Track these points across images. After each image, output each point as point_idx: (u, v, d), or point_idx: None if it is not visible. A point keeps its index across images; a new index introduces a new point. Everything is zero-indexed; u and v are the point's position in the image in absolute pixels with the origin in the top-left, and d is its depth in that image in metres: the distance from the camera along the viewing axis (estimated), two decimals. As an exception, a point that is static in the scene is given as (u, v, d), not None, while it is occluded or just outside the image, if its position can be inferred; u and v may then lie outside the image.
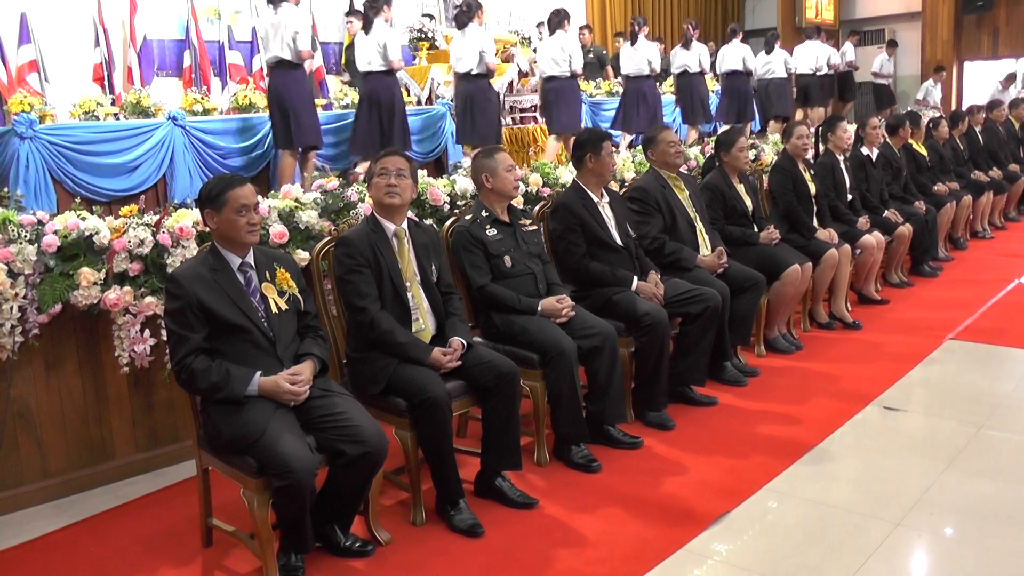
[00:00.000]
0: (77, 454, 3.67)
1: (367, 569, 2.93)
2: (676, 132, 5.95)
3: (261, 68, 8.56)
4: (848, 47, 14.43)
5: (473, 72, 7.39)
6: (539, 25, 10.62)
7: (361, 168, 6.62)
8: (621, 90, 9.49)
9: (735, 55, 10.51)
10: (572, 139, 7.87)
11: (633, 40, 9.13)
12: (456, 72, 7.57)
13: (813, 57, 11.81)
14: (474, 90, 7.43)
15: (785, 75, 11.23)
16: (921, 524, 3.07)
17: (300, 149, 6.46)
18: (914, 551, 2.96)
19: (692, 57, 9.93)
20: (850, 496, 3.31)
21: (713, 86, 10.97)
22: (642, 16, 11.00)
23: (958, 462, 3.54)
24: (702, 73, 10.03)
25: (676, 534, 3.05)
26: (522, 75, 8.98)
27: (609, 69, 11.27)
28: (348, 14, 9.39)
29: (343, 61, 9.68)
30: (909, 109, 11.01)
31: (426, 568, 2.92)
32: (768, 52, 11.12)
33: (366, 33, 6.91)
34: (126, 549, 3.16)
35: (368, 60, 6.89)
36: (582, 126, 8.20)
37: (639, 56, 9.08)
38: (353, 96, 7.48)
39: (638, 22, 9.25)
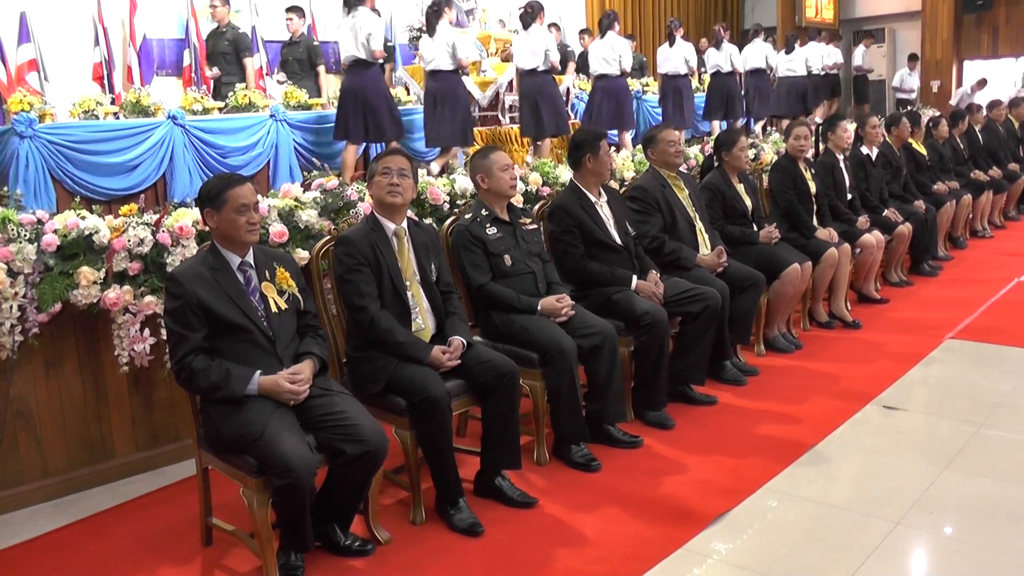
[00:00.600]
0: (77, 453, 3.67)
1: (367, 568, 2.93)
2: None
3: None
4: (860, 50, 14.57)
5: (540, 69, 7.82)
6: (582, 32, 11.64)
7: (437, 164, 7.10)
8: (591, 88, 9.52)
9: (758, 54, 11.05)
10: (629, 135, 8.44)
11: (671, 41, 9.71)
12: (521, 69, 7.99)
13: (817, 57, 12.10)
14: (541, 84, 7.83)
15: (804, 73, 11.91)
16: (921, 523, 3.07)
17: (380, 142, 6.94)
18: (914, 550, 2.96)
19: (724, 57, 10.56)
20: (850, 495, 3.31)
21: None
22: (677, 18, 11.52)
23: (958, 461, 3.54)
24: (733, 72, 10.61)
25: (676, 533, 3.05)
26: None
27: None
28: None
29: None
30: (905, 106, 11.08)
31: (426, 567, 2.92)
32: (788, 52, 11.81)
33: (431, 36, 7.25)
34: (126, 548, 3.16)
35: (434, 60, 7.20)
36: (634, 123, 8.94)
37: (677, 55, 9.68)
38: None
39: (674, 24, 9.82)
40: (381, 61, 6.99)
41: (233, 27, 8.12)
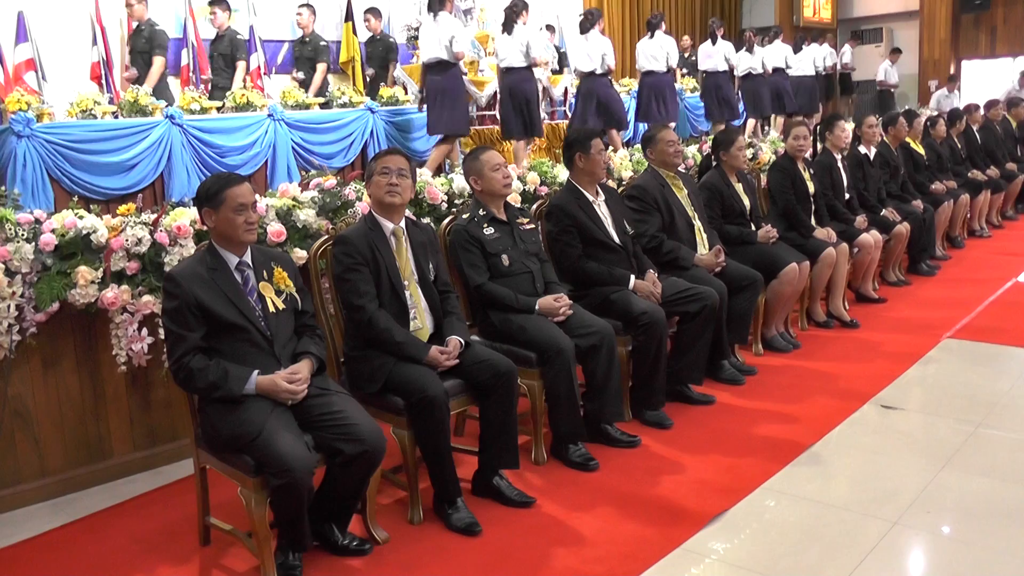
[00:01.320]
0: (75, 452, 3.67)
1: (365, 568, 2.93)
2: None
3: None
4: (846, 49, 14.68)
5: (597, 72, 8.35)
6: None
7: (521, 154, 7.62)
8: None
9: (778, 55, 11.46)
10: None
11: (713, 40, 10.21)
12: (580, 72, 8.52)
13: (820, 58, 12.46)
14: (598, 86, 8.38)
15: (812, 73, 12.40)
16: (918, 523, 3.07)
17: (446, 135, 7.33)
18: (911, 550, 2.97)
19: (757, 60, 11.06)
20: (847, 495, 3.32)
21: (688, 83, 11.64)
22: (717, 18, 12.00)
23: (955, 461, 3.54)
24: (764, 73, 11.09)
25: (673, 533, 3.05)
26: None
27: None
28: (347, 19, 9.62)
29: (342, 60, 9.69)
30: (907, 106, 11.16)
31: (423, 567, 2.92)
32: (796, 51, 12.15)
33: (509, 35, 7.58)
34: (123, 548, 3.16)
35: (509, 58, 7.57)
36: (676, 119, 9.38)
37: (718, 53, 10.22)
38: (352, 94, 7.50)
39: (715, 23, 10.26)
40: (462, 61, 7.51)
41: (232, 31, 8.12)
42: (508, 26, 7.57)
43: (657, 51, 9.18)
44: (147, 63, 7.80)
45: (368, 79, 9.26)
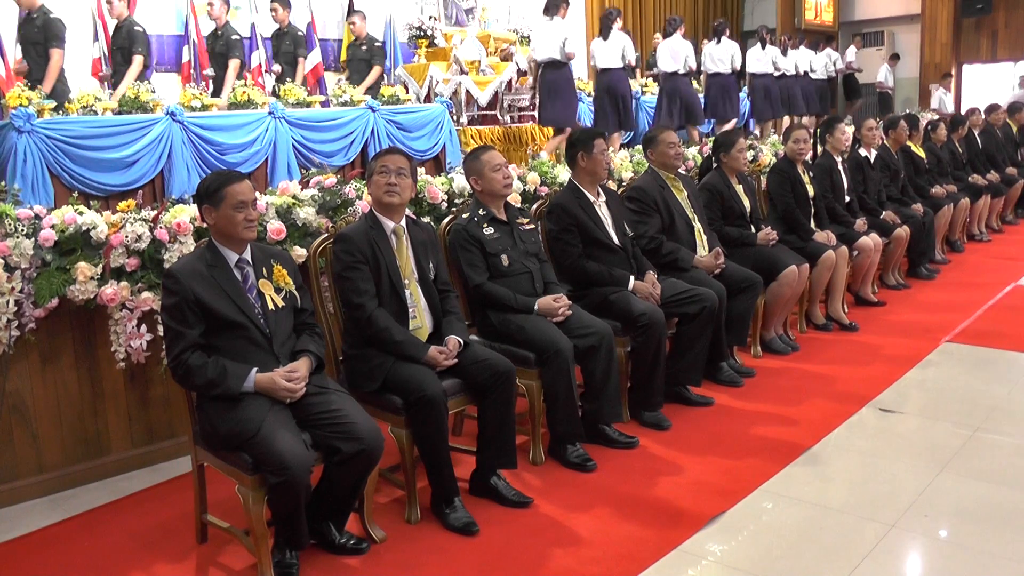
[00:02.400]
0: (73, 449, 3.67)
1: (362, 567, 2.93)
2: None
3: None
4: (851, 50, 14.73)
5: (680, 72, 9.11)
6: (658, 36, 11.77)
7: (614, 138, 8.32)
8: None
9: (803, 58, 12.01)
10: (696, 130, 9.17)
11: (719, 40, 10.27)
12: (663, 71, 9.31)
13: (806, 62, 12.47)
14: (682, 85, 9.24)
15: (824, 76, 12.80)
16: (916, 526, 3.07)
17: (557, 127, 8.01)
18: (909, 553, 2.97)
19: (787, 61, 11.49)
20: (845, 498, 3.32)
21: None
22: (724, 19, 12.02)
23: (953, 464, 3.54)
24: (776, 74, 11.32)
25: (671, 534, 3.05)
26: (521, 74, 8.98)
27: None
28: (350, 14, 9.51)
29: (343, 58, 9.68)
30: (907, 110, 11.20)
31: (421, 566, 2.92)
32: (814, 52, 12.59)
33: (604, 40, 8.42)
34: (121, 544, 3.16)
35: (607, 60, 8.45)
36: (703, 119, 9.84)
37: (724, 54, 10.31)
38: (352, 92, 7.49)
39: (722, 24, 10.29)
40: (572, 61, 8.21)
41: (229, 28, 8.10)
42: (604, 32, 8.46)
43: (723, 54, 9.93)
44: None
45: (274, 76, 8.51)
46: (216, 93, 7.36)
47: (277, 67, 8.56)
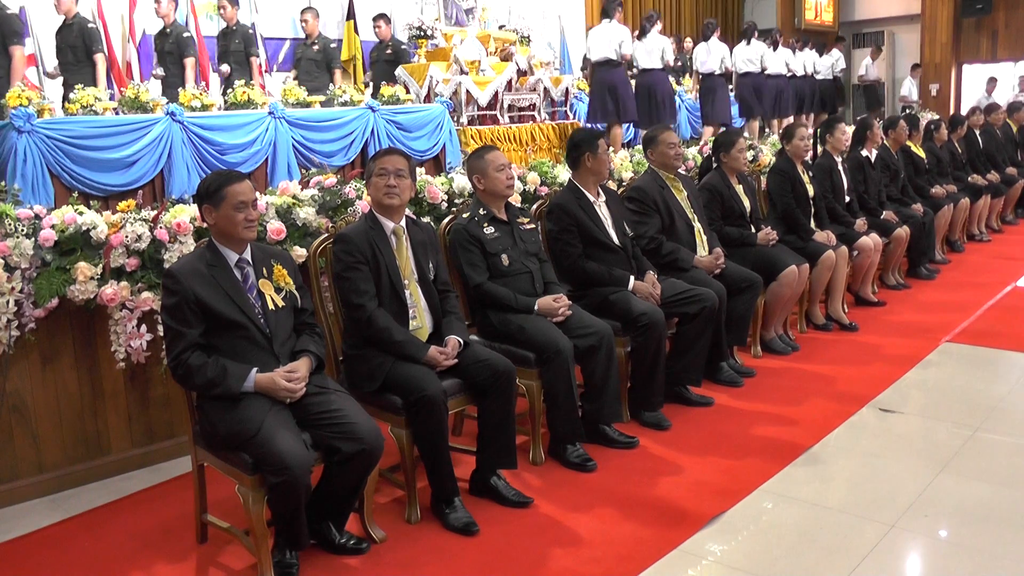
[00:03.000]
0: (73, 449, 3.67)
1: (362, 567, 2.93)
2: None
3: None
4: (867, 61, 14.82)
5: (717, 72, 9.85)
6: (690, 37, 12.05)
7: (708, 131, 9.15)
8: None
9: (801, 59, 12.16)
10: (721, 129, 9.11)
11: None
12: (702, 72, 9.99)
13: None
14: (718, 85, 9.92)
15: (831, 77, 13.06)
16: (916, 526, 3.07)
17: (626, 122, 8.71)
18: (908, 553, 2.97)
19: (797, 62, 11.77)
20: (845, 498, 3.32)
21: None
22: (714, 19, 12.21)
23: (953, 464, 3.54)
24: (768, 72, 11.33)
25: (671, 534, 3.05)
26: (521, 73, 8.97)
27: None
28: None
29: (343, 57, 9.69)
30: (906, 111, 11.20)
31: (420, 566, 2.92)
32: (820, 56, 12.78)
33: (640, 40, 8.99)
34: (121, 544, 3.16)
35: (646, 61, 8.97)
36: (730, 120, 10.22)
37: (714, 55, 10.55)
38: (353, 93, 7.49)
39: (711, 24, 10.47)
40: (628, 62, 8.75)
41: (178, 26, 7.96)
42: (643, 34, 9.01)
43: (753, 55, 10.58)
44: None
45: (222, 76, 8.32)
46: (168, 94, 7.10)
47: (225, 67, 8.31)
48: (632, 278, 4.13)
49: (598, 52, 8.58)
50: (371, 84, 8.65)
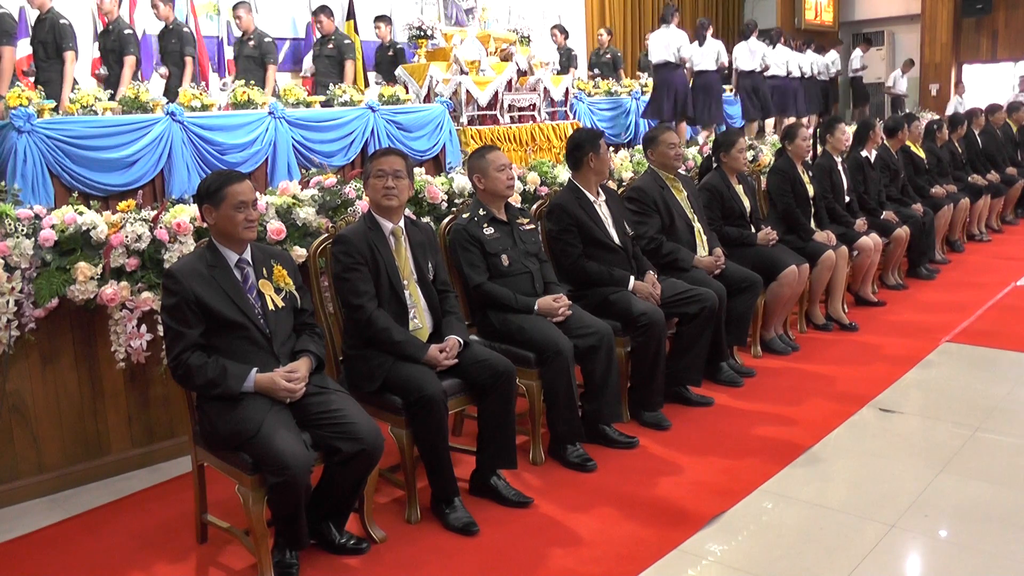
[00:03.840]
0: (72, 449, 3.67)
1: (362, 567, 2.93)
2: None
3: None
4: (856, 54, 14.88)
5: (758, 70, 10.53)
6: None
7: (703, 135, 9.47)
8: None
9: (800, 59, 12.38)
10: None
11: (701, 41, 10.46)
12: (742, 70, 10.58)
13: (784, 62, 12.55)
14: (759, 81, 10.58)
15: (827, 78, 13.34)
16: (916, 526, 3.07)
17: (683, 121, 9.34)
18: (909, 553, 2.97)
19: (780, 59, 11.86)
20: (845, 498, 3.32)
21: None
22: (707, 17, 12.45)
23: (953, 464, 3.54)
24: (768, 73, 11.52)
25: (671, 534, 3.05)
26: (521, 74, 8.98)
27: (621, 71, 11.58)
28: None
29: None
30: (908, 111, 11.21)
31: (420, 566, 2.92)
32: (822, 54, 13.15)
33: (700, 45, 9.64)
34: (121, 544, 3.16)
35: (703, 63, 9.65)
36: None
37: (708, 53, 10.63)
38: (353, 93, 7.50)
39: (704, 23, 10.45)
40: (686, 64, 9.47)
41: (121, 23, 7.76)
42: (700, 39, 9.61)
43: (753, 53, 10.78)
44: (256, 67, 8.07)
45: (164, 78, 8.06)
46: (112, 94, 6.99)
47: (164, 69, 8.10)
48: (632, 278, 4.13)
49: (657, 55, 9.36)
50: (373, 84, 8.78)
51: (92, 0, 8.13)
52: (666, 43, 9.27)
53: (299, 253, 3.83)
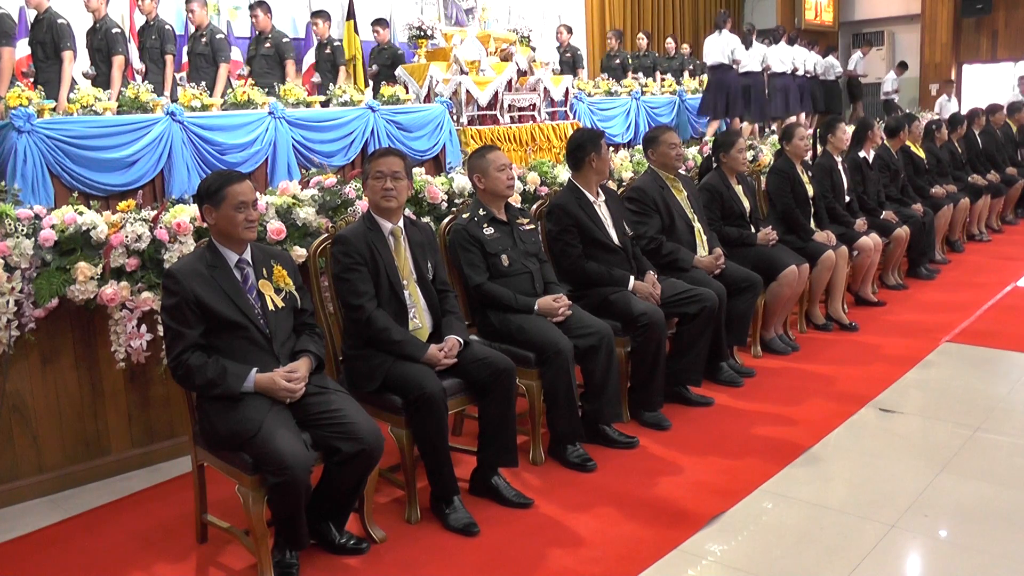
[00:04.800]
0: (73, 449, 3.67)
1: (362, 567, 2.93)
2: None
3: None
4: (857, 56, 14.92)
5: (799, 72, 11.83)
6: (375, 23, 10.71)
7: (746, 127, 10.47)
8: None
9: (825, 62, 13.30)
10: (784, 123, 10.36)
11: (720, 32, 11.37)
12: (746, 70, 10.96)
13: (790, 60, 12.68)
14: (756, 82, 10.93)
15: (832, 77, 13.55)
16: (916, 526, 3.08)
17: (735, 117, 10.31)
18: (908, 553, 2.97)
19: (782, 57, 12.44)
20: (845, 498, 3.32)
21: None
22: (725, 10, 12.63)
23: (953, 464, 3.54)
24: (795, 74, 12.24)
25: (671, 534, 3.05)
26: (521, 74, 8.98)
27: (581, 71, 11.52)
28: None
29: (347, 56, 9.68)
30: (907, 111, 11.25)
31: (420, 566, 2.92)
32: (823, 56, 13.42)
33: (748, 48, 10.67)
34: (121, 544, 3.16)
35: (750, 65, 10.63)
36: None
37: (723, 47, 11.43)
38: (353, 93, 7.51)
39: (723, 15, 11.15)
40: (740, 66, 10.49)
41: (108, 21, 7.58)
42: (748, 43, 10.70)
43: (786, 56, 11.63)
44: (272, 67, 8.07)
45: (140, 75, 7.83)
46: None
47: (141, 65, 7.94)
48: (632, 278, 4.13)
49: (712, 58, 10.36)
50: (371, 84, 8.75)
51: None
52: (721, 47, 10.29)
53: (299, 253, 3.83)
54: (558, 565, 2.89)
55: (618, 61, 11.55)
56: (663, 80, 11.29)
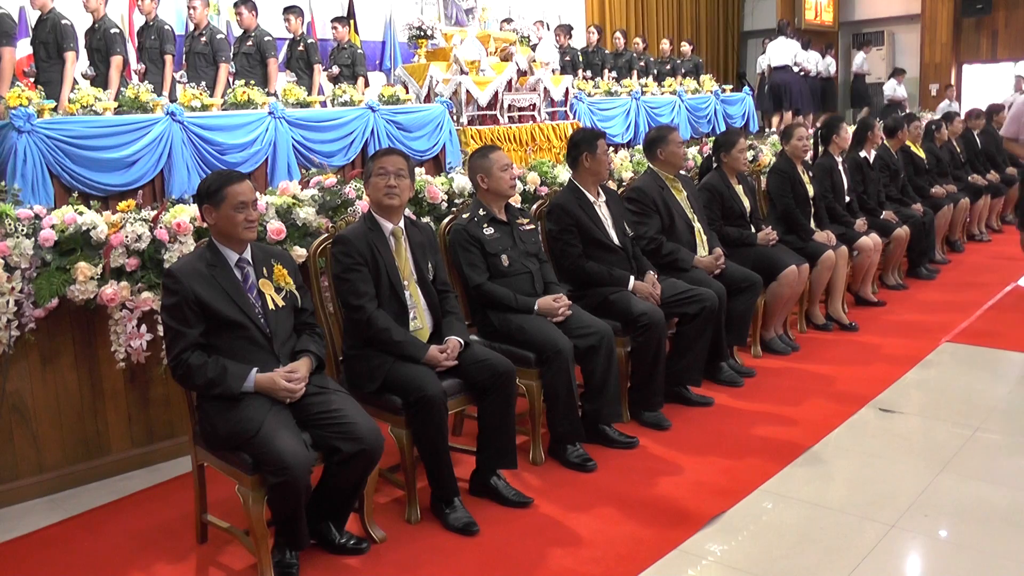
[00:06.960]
0: (73, 449, 3.67)
1: (362, 567, 2.93)
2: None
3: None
4: (860, 55, 14.93)
5: (822, 75, 13.95)
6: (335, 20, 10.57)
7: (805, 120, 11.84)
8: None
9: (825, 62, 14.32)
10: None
11: (784, 35, 13.28)
12: (774, 67, 12.93)
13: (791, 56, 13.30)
14: (794, 79, 12.73)
15: (828, 76, 14.40)
16: (916, 526, 3.07)
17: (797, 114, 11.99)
18: (908, 553, 2.97)
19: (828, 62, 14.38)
20: (845, 498, 3.32)
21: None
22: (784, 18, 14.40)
23: (953, 465, 3.54)
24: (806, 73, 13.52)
25: (671, 534, 3.05)
26: (521, 74, 8.98)
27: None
28: (334, 20, 9.50)
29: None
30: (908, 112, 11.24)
31: (420, 566, 2.92)
32: (822, 56, 14.29)
33: (804, 51, 12.67)
34: (121, 545, 3.16)
35: (777, 61, 12.56)
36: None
37: (787, 50, 13.16)
38: (352, 93, 7.51)
39: (784, 22, 13.60)
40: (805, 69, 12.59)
41: (107, 21, 7.57)
42: (806, 48, 12.47)
43: (802, 57, 13.04)
44: (252, 65, 8.01)
45: (138, 75, 7.59)
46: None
47: (140, 65, 7.85)
48: (632, 278, 4.13)
49: (777, 59, 12.51)
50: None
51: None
52: (784, 51, 12.44)
53: (299, 253, 3.83)
54: (558, 565, 2.89)
55: (625, 61, 11.56)
56: (645, 84, 11.17)
